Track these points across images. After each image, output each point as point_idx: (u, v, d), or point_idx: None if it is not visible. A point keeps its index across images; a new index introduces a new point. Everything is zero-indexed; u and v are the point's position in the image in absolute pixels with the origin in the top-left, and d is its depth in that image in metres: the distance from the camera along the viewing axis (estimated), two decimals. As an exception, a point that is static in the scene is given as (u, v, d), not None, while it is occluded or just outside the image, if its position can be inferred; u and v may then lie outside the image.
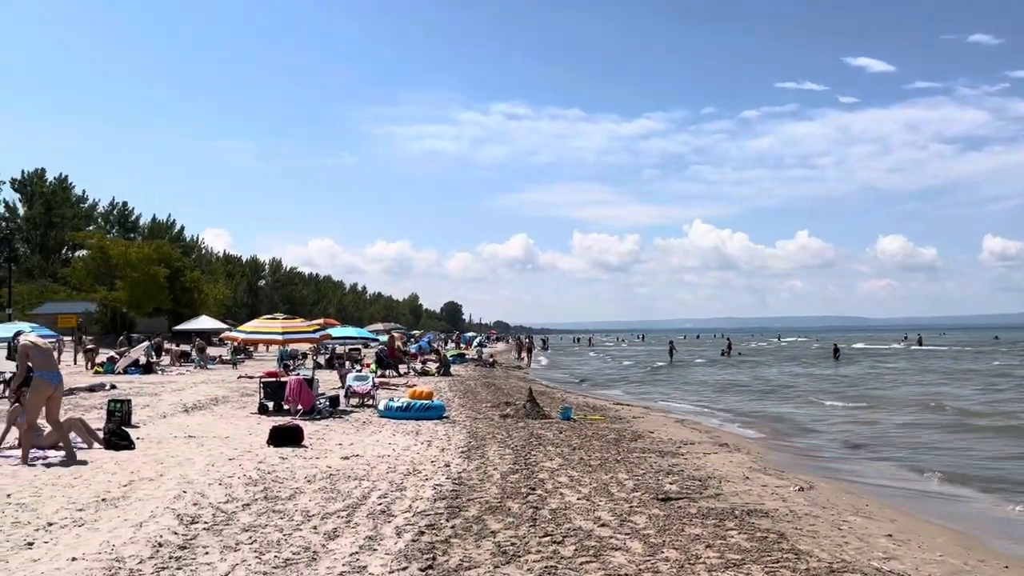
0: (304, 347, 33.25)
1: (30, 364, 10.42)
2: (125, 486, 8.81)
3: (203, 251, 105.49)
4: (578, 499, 8.71)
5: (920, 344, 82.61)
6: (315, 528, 7.12)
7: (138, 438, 12.17)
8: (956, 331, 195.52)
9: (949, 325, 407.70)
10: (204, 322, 51.21)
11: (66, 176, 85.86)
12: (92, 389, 21.32)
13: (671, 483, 9.98)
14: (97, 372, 28.81)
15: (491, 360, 44.63)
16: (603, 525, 7.54)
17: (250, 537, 6.75)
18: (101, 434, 11.51)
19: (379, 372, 29.00)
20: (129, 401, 14.85)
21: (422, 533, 7.04)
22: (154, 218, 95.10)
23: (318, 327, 22.16)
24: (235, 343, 31.79)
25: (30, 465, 9.79)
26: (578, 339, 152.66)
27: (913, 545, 7.57)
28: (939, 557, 7.19)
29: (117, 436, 11.43)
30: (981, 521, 9.57)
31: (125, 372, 28.43)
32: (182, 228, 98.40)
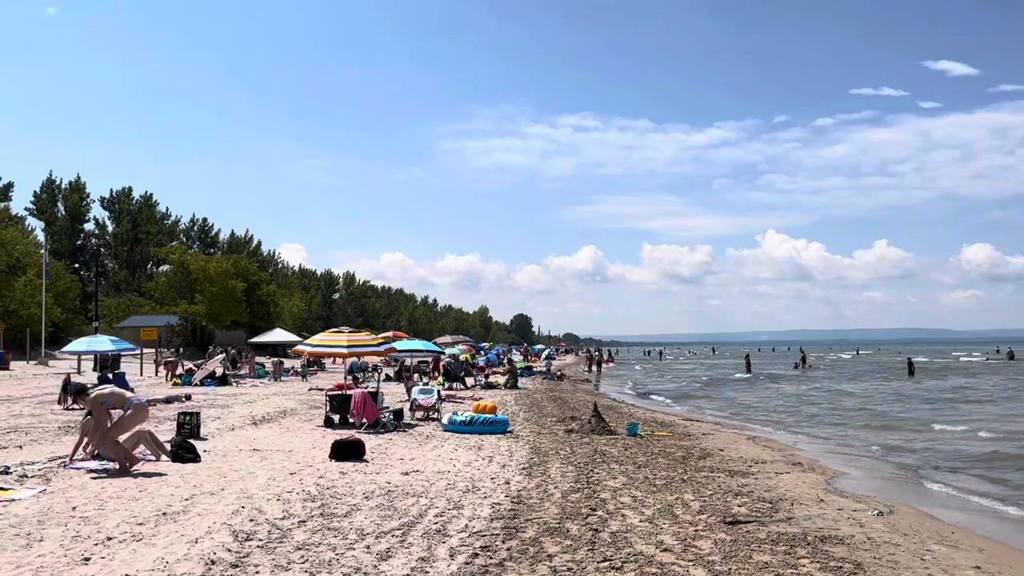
0: (374, 359, 33.60)
1: (111, 411, 10.83)
2: (186, 500, 8.88)
3: (279, 265, 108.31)
4: (640, 521, 8.39)
5: (1012, 358, 78.65)
6: (368, 547, 7.00)
7: (205, 451, 12.35)
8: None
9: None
10: (278, 335, 52.41)
11: (151, 194, 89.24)
12: (168, 401, 21.90)
13: (740, 505, 9.54)
14: (175, 384, 29.66)
15: (559, 373, 44.31)
16: (666, 550, 7.21)
17: (302, 556, 6.66)
18: (169, 447, 11.70)
19: (446, 385, 29.03)
20: (198, 414, 15.13)
21: (476, 555, 6.84)
22: (232, 233, 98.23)
23: (384, 340, 22.31)
24: (304, 356, 32.31)
25: (96, 477, 10.02)
26: (648, 352, 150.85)
27: (1004, 579, 7.00)
28: (1034, 593, 6.62)
29: (184, 449, 11.61)
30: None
31: (201, 384, 29.17)
32: (259, 243, 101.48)
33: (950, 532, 9.08)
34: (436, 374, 32.51)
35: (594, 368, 52.96)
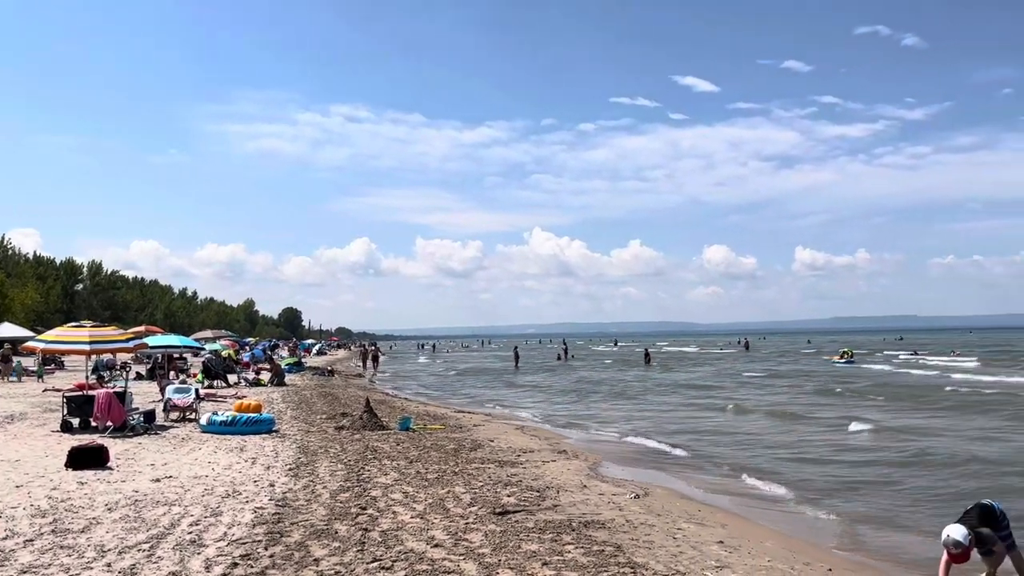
0: (124, 356, 30.77)
1: None
2: None
3: (9, 252, 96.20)
4: (412, 517, 8.25)
5: (748, 348, 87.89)
6: (109, 565, 6.26)
7: (-96, 465, 10.55)
8: (775, 335, 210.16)
9: (769, 329, 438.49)
10: (7, 330, 46.44)
11: None
12: None
13: (509, 495, 9.71)
14: None
15: (330, 368, 43.22)
16: (437, 546, 7.12)
17: (25, 582, 5.81)
18: None
19: (206, 383, 27.23)
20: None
21: (235, 565, 6.35)
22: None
23: (135, 335, 20.43)
24: (37, 353, 28.86)
25: None
26: (422, 345, 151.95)
27: (744, 551, 7.65)
28: (768, 563, 7.28)
29: None
30: (801, 523, 9.91)
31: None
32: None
33: (697, 510, 9.83)
34: (195, 371, 30.40)
35: (368, 363, 52.09)
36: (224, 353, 38.51)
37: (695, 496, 11.06)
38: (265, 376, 31.99)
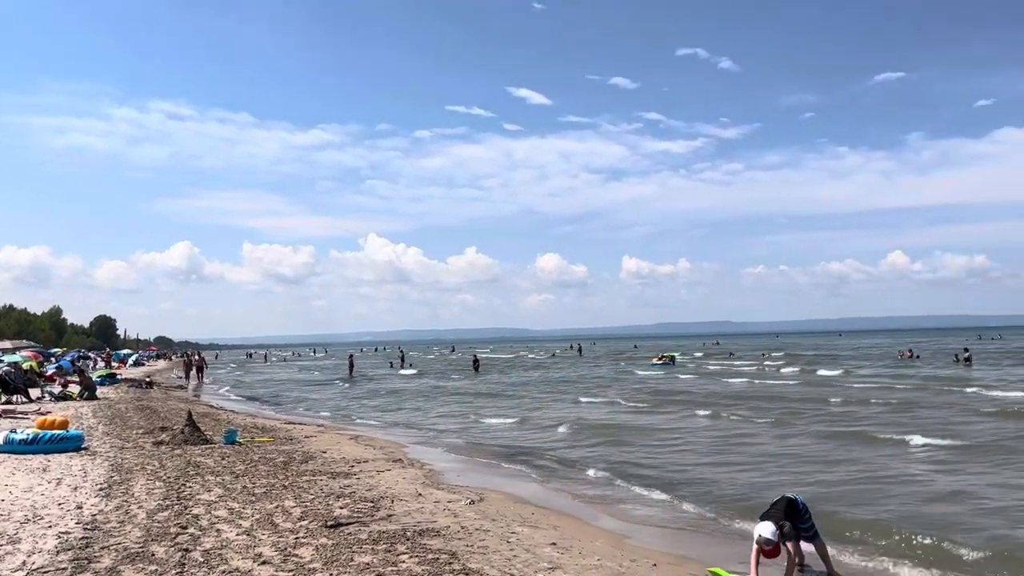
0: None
1: None
2: None
3: None
4: (238, 534, 7.86)
5: (580, 353, 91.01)
6: None
7: None
8: (605, 340, 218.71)
9: (599, 335, 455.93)
10: None
11: None
12: None
13: (342, 507, 9.47)
14: None
15: (148, 380, 40.55)
16: (264, 563, 6.82)
17: None
18: None
19: (3, 398, 24.79)
20: None
21: (34, 598, 5.78)
22: None
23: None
24: None
25: None
26: (251, 354, 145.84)
27: (575, 552, 7.85)
28: (597, 562, 7.51)
29: None
30: (630, 521, 10.31)
31: None
32: None
33: (531, 513, 10.00)
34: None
35: (192, 373, 49.26)
36: (25, 365, 35.23)
37: (529, 499, 11.25)
38: (75, 389, 29.52)
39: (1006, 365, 45.18)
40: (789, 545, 7.16)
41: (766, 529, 7.13)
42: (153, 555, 7.04)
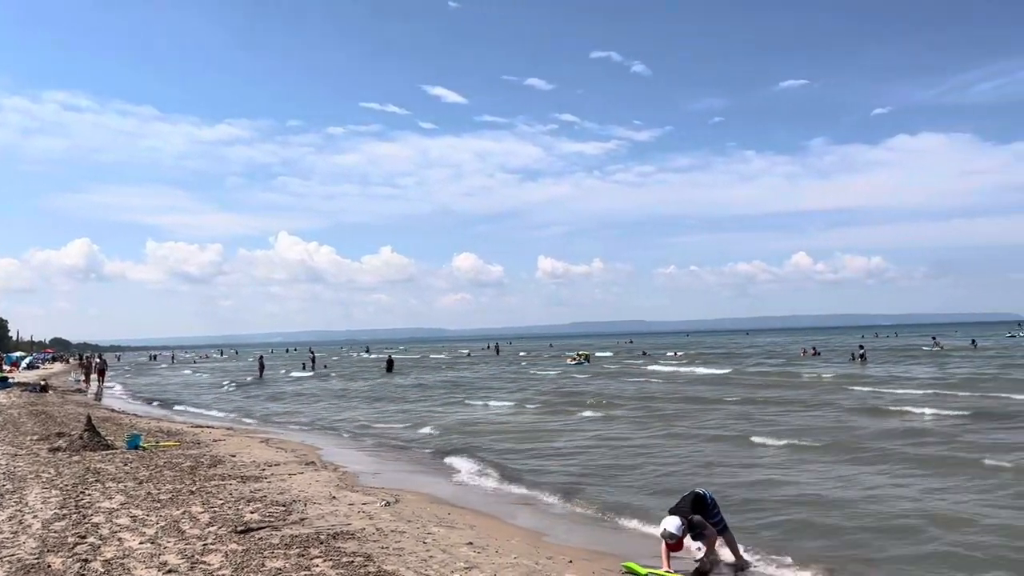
0: None
1: None
2: None
3: None
4: (141, 543, 7.55)
5: (498, 352, 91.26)
6: None
7: None
8: (521, 340, 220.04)
9: (515, 335, 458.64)
10: None
11: None
12: None
13: (252, 512, 9.21)
14: None
15: (43, 384, 38.57)
16: (170, 571, 6.58)
17: None
18: None
19: None
20: None
21: (-84, 617, 5.41)
22: None
23: None
24: None
25: None
26: (155, 356, 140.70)
27: (491, 551, 7.85)
28: (514, 560, 7.53)
29: None
30: (547, 518, 10.39)
31: None
32: None
33: (447, 513, 9.96)
34: None
35: (92, 376, 47.04)
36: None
37: (446, 499, 11.20)
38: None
39: (896, 362, 47.65)
40: (706, 535, 7.38)
41: (671, 523, 7.32)
42: (50, 567, 6.70)
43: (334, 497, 10.48)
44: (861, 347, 53.14)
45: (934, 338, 78.52)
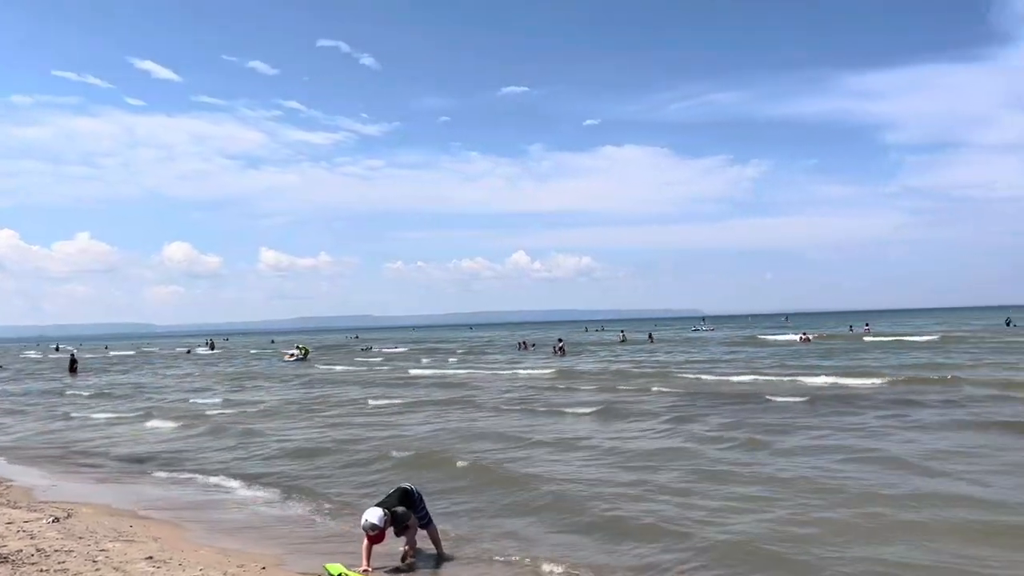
0: None
1: None
2: None
3: None
4: None
5: (212, 348, 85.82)
6: None
7: None
8: (240, 336, 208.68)
9: (234, 330, 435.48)
10: None
11: None
12: None
13: None
14: None
15: None
16: None
17: None
18: None
19: None
20: None
21: None
22: None
23: None
24: None
25: None
26: None
27: (174, 564, 7.31)
28: (201, 572, 7.06)
29: None
30: (244, 523, 9.83)
31: None
32: None
33: (129, 525, 9.12)
34: None
35: None
36: None
37: (129, 509, 10.24)
38: None
39: (590, 354, 52.03)
40: (408, 525, 7.49)
41: (373, 515, 7.34)
42: None
43: (-9, 517, 9.17)
44: (560, 339, 58.29)
45: (622, 331, 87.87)
